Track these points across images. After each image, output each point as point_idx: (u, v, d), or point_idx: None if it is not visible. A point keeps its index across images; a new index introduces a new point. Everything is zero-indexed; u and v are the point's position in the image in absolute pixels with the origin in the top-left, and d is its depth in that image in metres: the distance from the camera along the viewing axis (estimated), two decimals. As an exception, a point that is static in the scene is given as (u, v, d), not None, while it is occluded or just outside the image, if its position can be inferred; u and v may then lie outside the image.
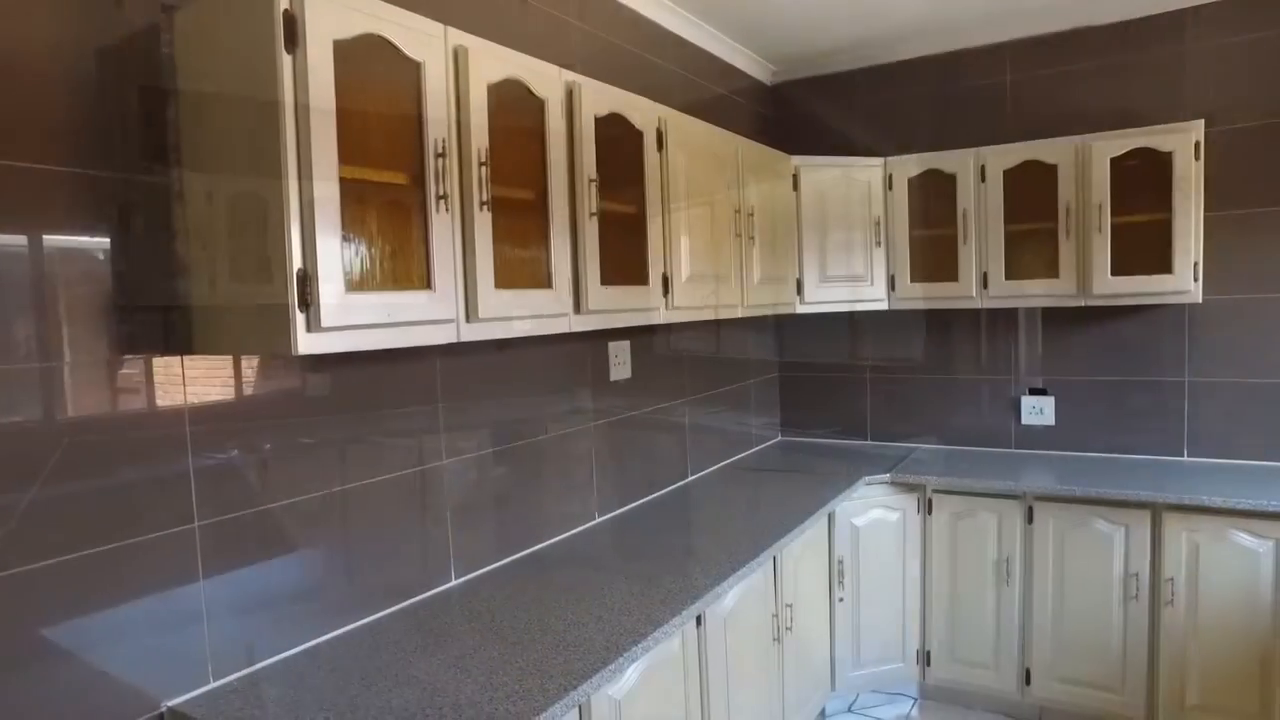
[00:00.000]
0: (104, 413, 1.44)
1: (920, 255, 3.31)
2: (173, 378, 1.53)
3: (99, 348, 1.43)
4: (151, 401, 1.50)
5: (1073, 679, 2.92)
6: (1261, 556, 2.61)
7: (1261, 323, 3.06)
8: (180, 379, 1.54)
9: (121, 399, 1.46)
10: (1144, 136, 2.89)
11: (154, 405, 1.51)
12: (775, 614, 2.52)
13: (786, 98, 3.88)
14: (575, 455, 2.57)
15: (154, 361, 1.50)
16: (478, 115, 1.71)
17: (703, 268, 2.55)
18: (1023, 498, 2.94)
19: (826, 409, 3.88)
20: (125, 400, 1.47)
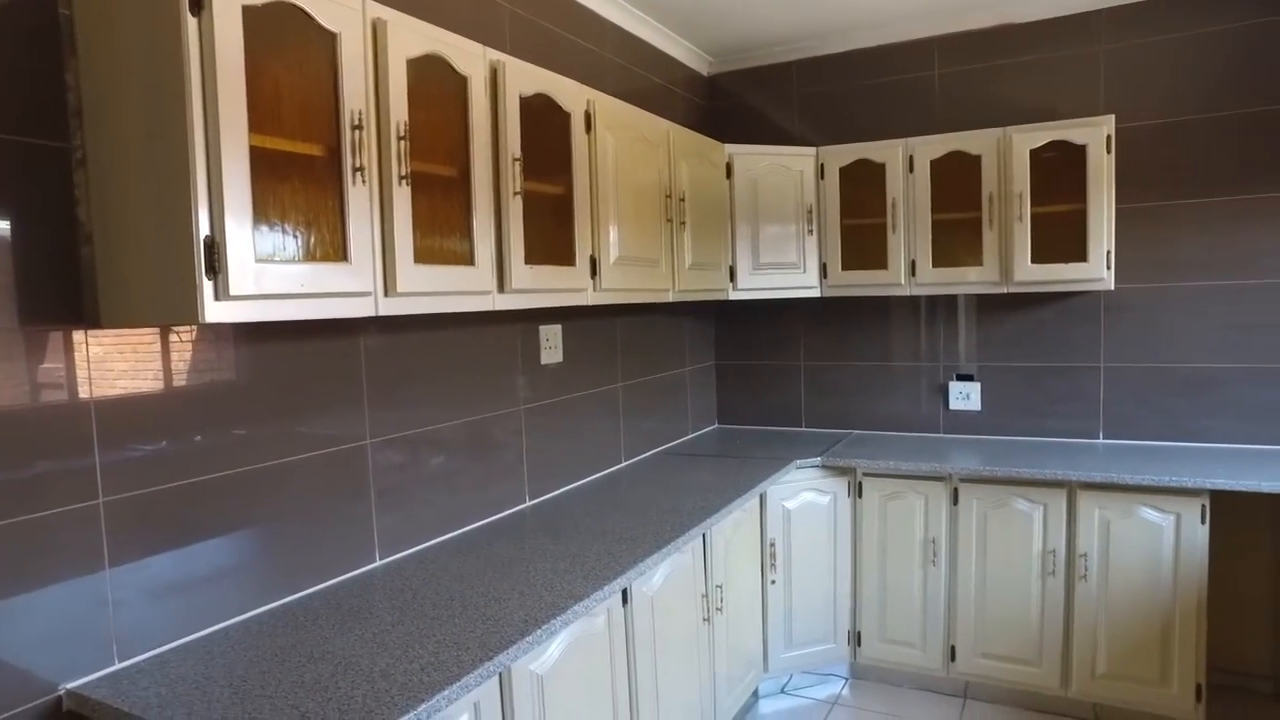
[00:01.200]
0: (3, 386, 1.39)
1: (851, 243, 3.38)
2: (78, 350, 1.49)
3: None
4: (56, 375, 1.46)
5: (995, 654, 3.02)
6: (1165, 530, 2.73)
7: (1167, 310, 3.20)
8: (85, 351, 1.50)
9: (23, 372, 1.42)
10: (1060, 130, 3.00)
11: (58, 379, 1.46)
12: (705, 594, 2.55)
13: (723, 88, 3.93)
14: (505, 438, 2.57)
15: (58, 334, 1.46)
16: (397, 89, 1.70)
17: (632, 251, 2.57)
18: (948, 479, 3.03)
19: (762, 396, 3.94)
20: (27, 373, 1.42)
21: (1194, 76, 3.11)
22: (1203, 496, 2.69)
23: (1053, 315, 3.37)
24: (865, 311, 3.70)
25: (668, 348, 3.59)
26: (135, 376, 1.60)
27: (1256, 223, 3.06)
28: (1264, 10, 3.01)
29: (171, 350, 1.66)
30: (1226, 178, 3.09)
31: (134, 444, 1.58)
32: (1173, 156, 3.15)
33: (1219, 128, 3.09)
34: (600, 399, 3.07)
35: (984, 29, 3.42)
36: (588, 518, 2.48)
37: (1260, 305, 3.08)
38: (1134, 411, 3.28)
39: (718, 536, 2.62)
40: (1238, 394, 3.13)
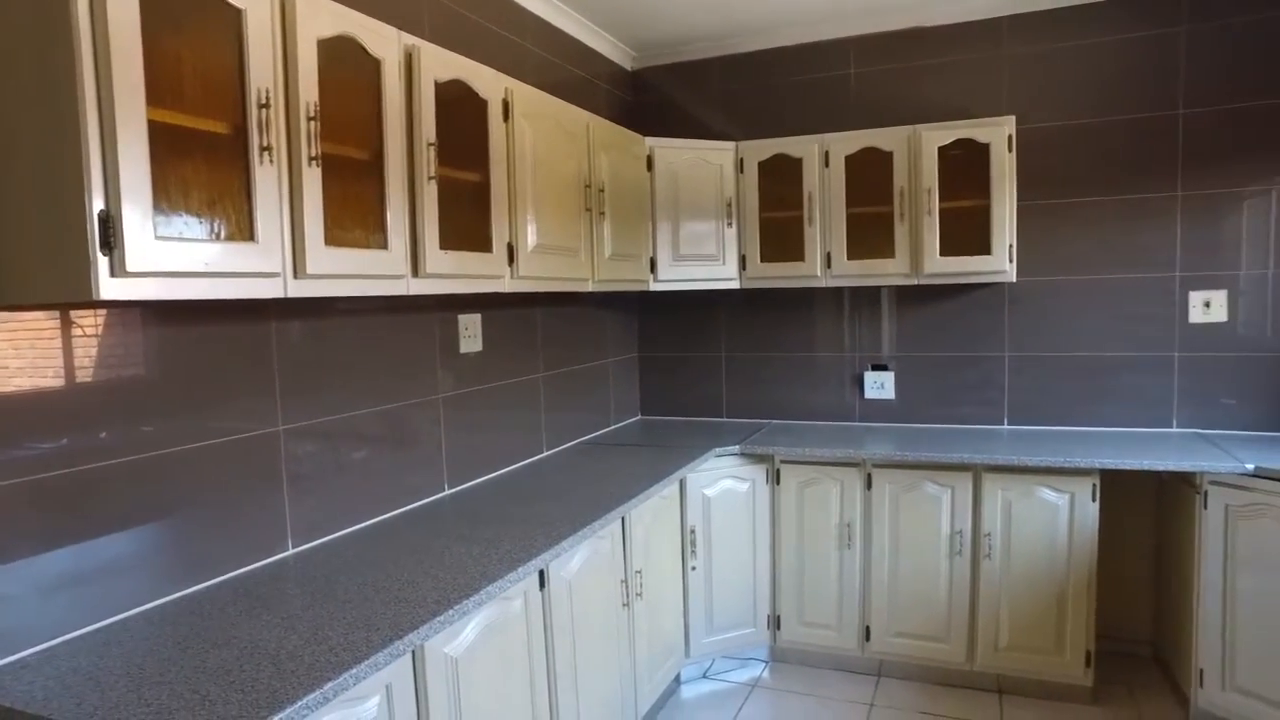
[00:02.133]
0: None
1: (770, 236, 3.45)
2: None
3: None
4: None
5: (907, 633, 3.13)
6: (1060, 509, 2.88)
7: (1064, 302, 3.38)
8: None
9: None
10: (966, 128, 3.13)
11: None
12: (625, 580, 2.58)
13: (647, 83, 3.97)
14: (423, 426, 2.55)
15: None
16: (306, 69, 1.68)
17: (551, 239, 2.58)
18: (862, 465, 3.13)
19: (685, 387, 4.00)
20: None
21: (1090, 83, 3.29)
22: (1093, 476, 2.85)
23: (961, 307, 3.52)
24: (784, 303, 3.79)
25: (590, 339, 3.61)
26: (32, 360, 1.55)
27: (1142, 222, 3.26)
28: (1151, 24, 3.20)
29: (72, 333, 1.61)
30: (1117, 179, 3.27)
31: (26, 428, 1.52)
32: (1069, 158, 3.32)
33: (1111, 132, 3.27)
34: (521, 389, 3.08)
35: (898, 31, 3.54)
36: (506, 505, 2.49)
37: (1145, 298, 3.27)
38: (1035, 398, 3.45)
39: (637, 523, 2.66)
40: (1126, 381, 3.32)
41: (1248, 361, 3.18)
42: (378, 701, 1.53)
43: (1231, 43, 3.12)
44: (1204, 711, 2.80)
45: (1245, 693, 2.66)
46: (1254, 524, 2.61)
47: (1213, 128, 3.15)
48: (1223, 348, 3.21)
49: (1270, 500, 2.56)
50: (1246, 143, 3.12)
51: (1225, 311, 3.19)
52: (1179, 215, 3.22)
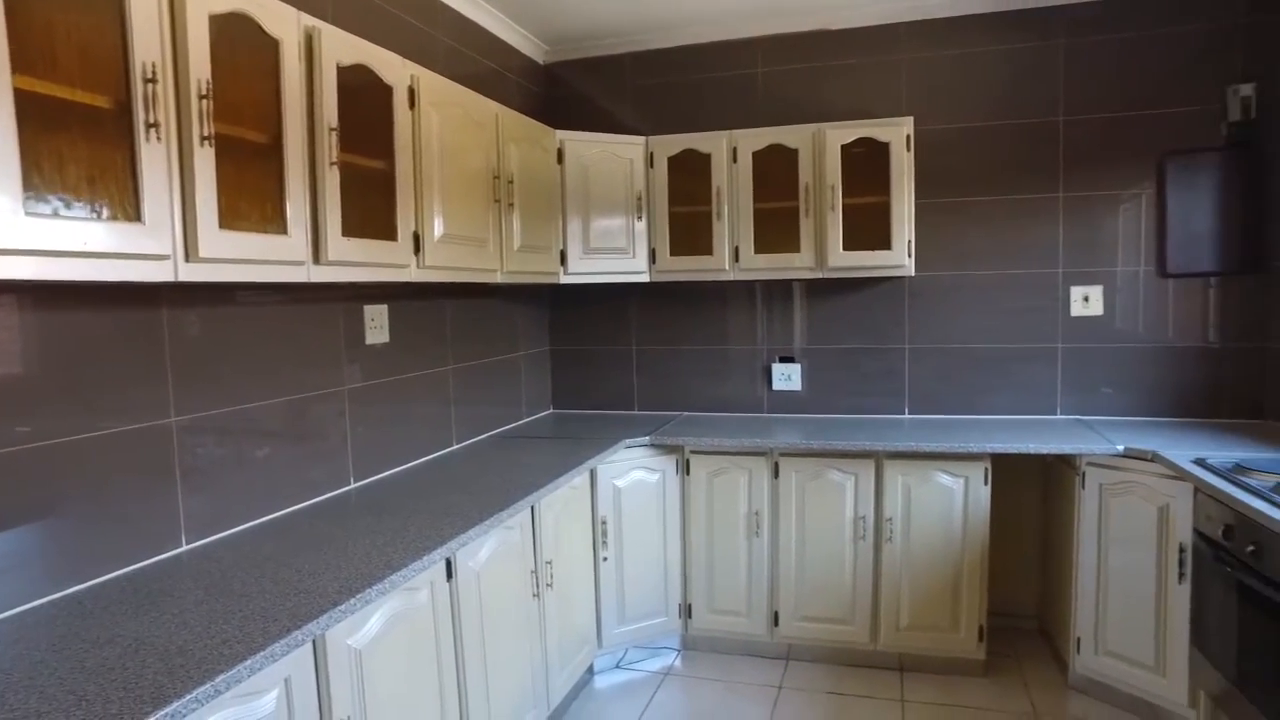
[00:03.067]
0: None
1: (679, 230, 3.51)
2: None
3: None
4: None
5: (813, 617, 3.23)
6: (956, 492, 3.03)
7: (959, 296, 3.54)
8: None
9: None
10: (867, 127, 3.25)
11: None
12: (535, 570, 2.58)
13: (559, 77, 3.97)
14: (328, 419, 2.49)
15: None
16: (197, 45, 1.62)
17: (458, 229, 2.56)
18: (769, 454, 3.21)
19: (597, 381, 4.02)
20: None
21: (981, 88, 3.46)
22: (985, 460, 3.00)
23: (865, 300, 3.65)
24: (694, 297, 3.85)
25: (501, 332, 3.59)
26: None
27: (1029, 220, 3.44)
28: (1033, 37, 3.39)
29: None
30: (1006, 180, 3.45)
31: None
32: (963, 158, 3.49)
33: (1000, 135, 3.45)
34: (430, 381, 3.03)
35: (804, 33, 3.64)
36: (414, 497, 2.45)
37: (1032, 293, 3.47)
38: (934, 388, 3.61)
39: (547, 513, 2.66)
40: (1015, 371, 3.51)
41: (1122, 352, 3.40)
42: (276, 695, 1.49)
43: (1103, 57, 3.33)
44: (1080, 675, 2.99)
45: (1114, 655, 2.86)
46: (1123, 500, 2.80)
47: (1089, 135, 3.36)
48: (1100, 340, 3.42)
49: (1136, 478, 2.75)
50: (1119, 150, 3.33)
51: (1102, 306, 3.41)
52: (1061, 215, 3.42)
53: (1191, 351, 3.35)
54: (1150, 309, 3.37)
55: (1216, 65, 3.23)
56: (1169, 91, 3.28)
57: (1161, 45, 3.27)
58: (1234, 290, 3.29)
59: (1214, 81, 3.23)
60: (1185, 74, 3.26)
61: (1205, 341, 3.34)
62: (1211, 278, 3.31)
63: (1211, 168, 3.25)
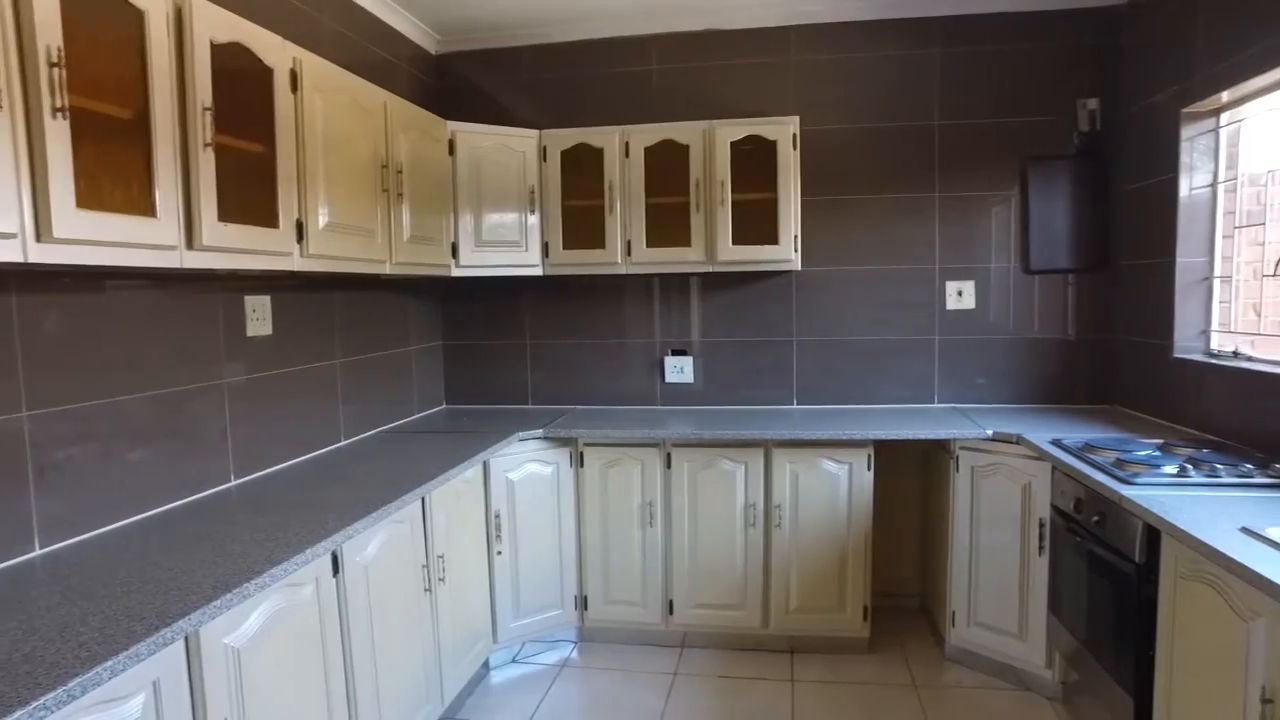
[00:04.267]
0: None
1: (572, 223, 3.51)
2: None
3: None
4: None
5: (707, 604, 3.30)
6: (841, 478, 3.15)
7: (843, 290, 3.69)
8: None
9: None
10: (755, 126, 3.35)
11: None
12: (426, 565, 2.54)
13: (452, 68, 3.91)
14: (205, 413, 2.38)
15: None
16: (46, 10, 1.51)
17: (344, 218, 2.49)
18: (662, 445, 3.26)
19: (490, 375, 3.98)
20: None
21: (864, 91, 3.61)
22: (868, 447, 3.14)
23: (755, 294, 3.75)
24: (589, 290, 3.87)
25: (391, 326, 3.51)
26: None
27: (909, 218, 3.62)
28: (912, 45, 3.56)
29: None
30: (887, 179, 3.62)
31: None
32: (848, 157, 3.63)
33: (882, 136, 3.61)
34: (317, 375, 2.94)
35: (697, 32, 3.71)
36: (298, 493, 2.38)
37: (911, 287, 3.65)
38: (821, 379, 3.74)
39: (438, 507, 2.62)
40: (896, 362, 3.69)
41: (993, 344, 3.62)
42: (143, 700, 1.42)
43: (974, 67, 3.53)
44: (955, 647, 3.17)
45: (984, 626, 3.05)
46: (991, 481, 2.99)
47: (962, 139, 3.56)
48: (973, 332, 3.63)
49: (1003, 460, 2.95)
50: (989, 154, 3.55)
51: (974, 300, 3.62)
52: (937, 214, 3.61)
53: (1053, 343, 3.60)
54: (1017, 303, 3.60)
55: (1070, 80, 3.48)
56: (1031, 102, 3.51)
57: (1024, 59, 3.50)
58: (1087, 286, 3.56)
59: (1067, 95, 3.48)
60: (1044, 86, 3.50)
61: (1064, 334, 3.60)
62: (1069, 275, 3.56)
63: (1066, 174, 3.50)
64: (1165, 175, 3.09)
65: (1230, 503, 2.05)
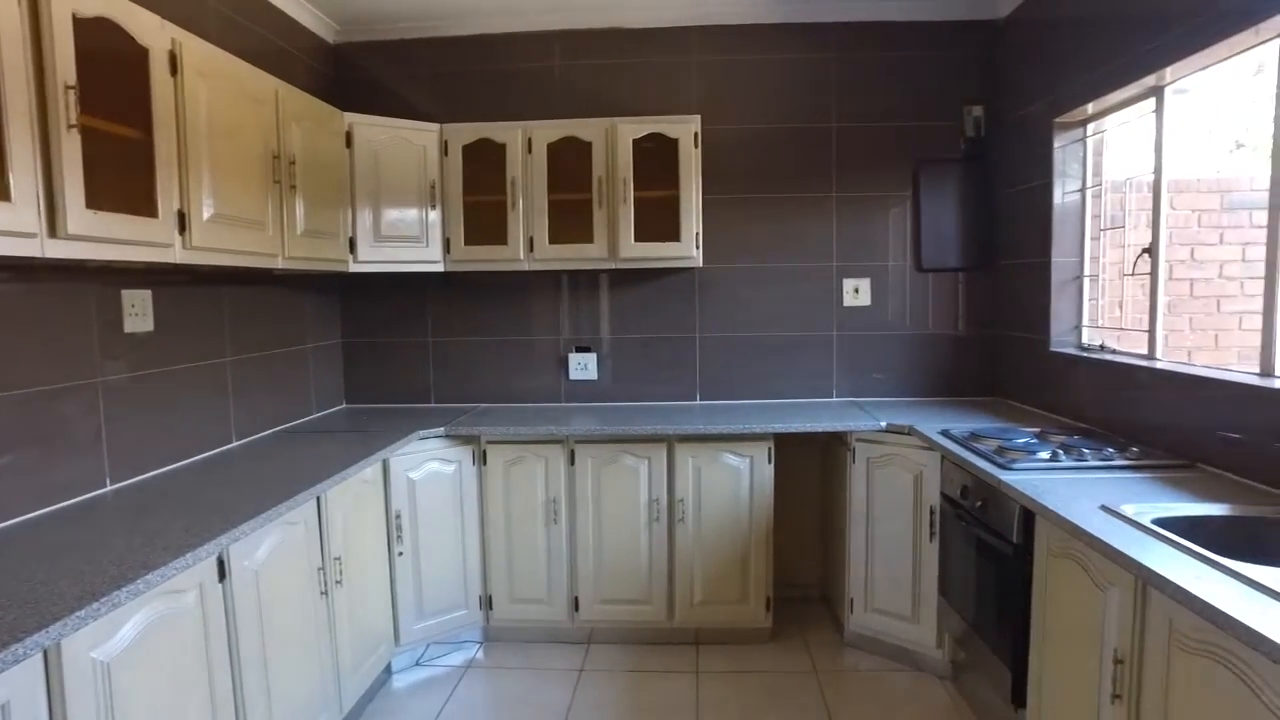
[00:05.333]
0: None
1: (474, 219, 3.47)
2: None
3: None
4: None
5: (613, 599, 3.31)
6: (742, 472, 3.22)
7: (745, 287, 3.77)
8: None
9: None
10: (658, 123, 3.38)
11: None
12: (322, 567, 2.47)
13: (350, 59, 3.81)
14: (75, 414, 2.24)
15: None
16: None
17: (232, 209, 2.40)
18: (565, 441, 3.25)
19: (392, 374, 3.90)
20: None
21: (765, 92, 3.69)
22: (769, 440, 3.21)
23: (658, 291, 3.79)
24: (492, 287, 3.83)
25: (287, 322, 3.39)
26: None
27: (808, 216, 3.73)
28: (810, 49, 3.67)
29: None
30: (787, 178, 3.72)
31: None
32: (748, 157, 3.71)
33: (782, 136, 3.70)
34: (205, 373, 2.82)
35: (600, 29, 3.72)
36: (182, 496, 2.27)
37: (810, 284, 3.75)
38: (724, 375, 3.81)
39: (335, 508, 2.55)
40: (796, 357, 3.78)
41: (888, 339, 3.76)
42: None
43: (869, 72, 3.66)
44: (853, 633, 3.28)
45: (880, 611, 3.17)
46: (885, 471, 3.10)
47: (859, 141, 3.69)
48: (870, 328, 3.76)
49: (897, 450, 3.06)
50: (883, 156, 3.69)
51: (870, 297, 3.75)
52: (835, 213, 3.72)
53: (945, 339, 3.77)
54: (911, 300, 3.75)
55: (958, 87, 3.65)
56: (922, 107, 3.67)
57: (915, 66, 3.65)
58: (975, 284, 3.74)
59: (956, 101, 3.65)
60: (935, 93, 3.66)
61: (955, 330, 3.77)
62: (959, 273, 3.73)
63: (954, 176, 3.67)
64: (1041, 180, 3.27)
65: (1094, 484, 2.19)
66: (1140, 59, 2.63)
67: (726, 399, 3.81)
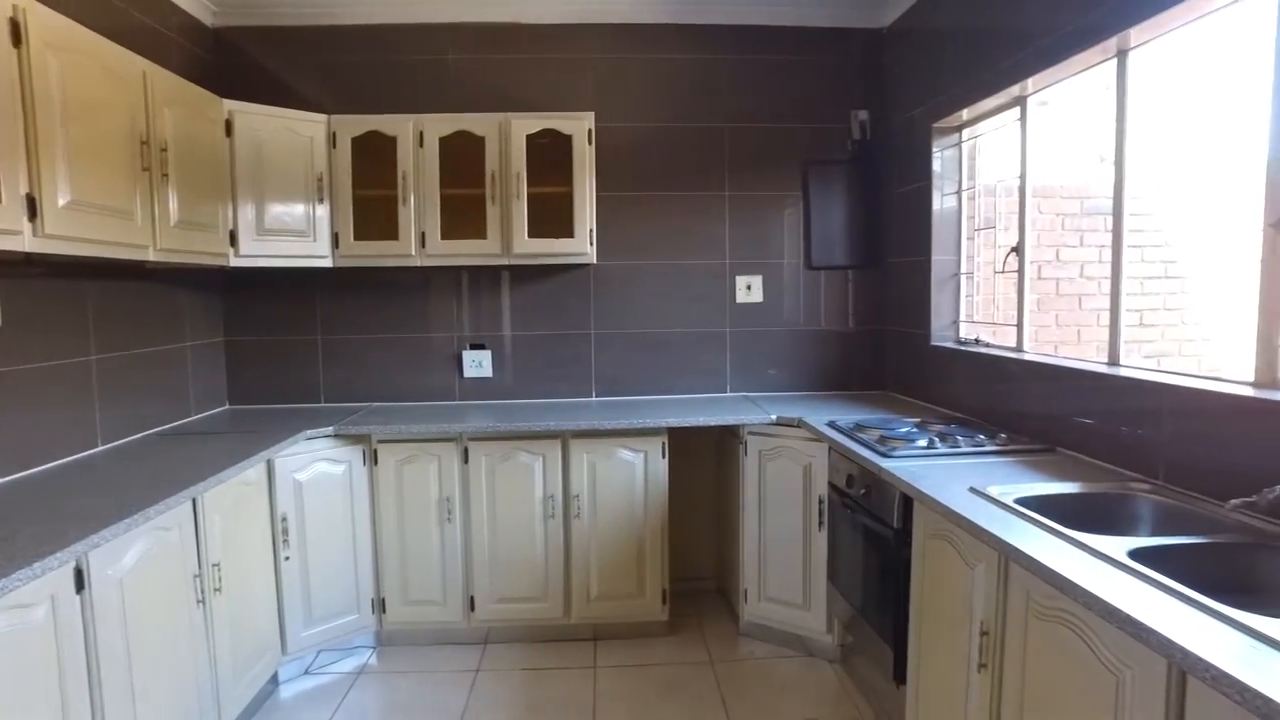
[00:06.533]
0: None
1: (364, 214, 3.38)
2: None
3: None
4: None
5: (509, 597, 3.28)
6: (636, 466, 3.25)
7: (641, 284, 3.80)
8: None
9: None
10: (551, 119, 3.37)
11: None
12: (199, 575, 2.35)
13: (231, 43, 3.64)
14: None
15: None
16: None
17: (92, 196, 2.25)
18: (459, 439, 3.20)
19: (280, 374, 3.75)
20: None
21: (659, 92, 3.74)
22: (662, 435, 3.25)
23: (554, 288, 3.78)
24: (384, 284, 3.73)
25: (162, 320, 3.21)
26: None
27: (702, 215, 3.79)
28: (701, 50, 3.73)
29: None
30: (681, 177, 3.77)
31: None
32: (643, 155, 3.74)
33: (676, 135, 3.75)
34: (65, 373, 2.64)
35: (497, 24, 3.68)
36: (34, 504, 2.12)
37: (704, 281, 3.82)
38: (619, 372, 3.83)
39: (213, 512, 2.44)
40: (691, 353, 3.84)
41: (780, 335, 3.87)
42: None
43: (760, 74, 3.75)
44: (748, 622, 3.35)
45: (773, 600, 3.25)
46: (776, 463, 3.18)
47: (750, 142, 3.77)
48: (762, 324, 3.86)
49: (787, 443, 3.15)
50: (774, 156, 3.78)
51: (762, 294, 3.84)
52: (727, 212, 3.80)
53: (835, 334, 3.90)
54: (802, 297, 3.87)
55: (845, 91, 3.79)
56: (811, 109, 3.78)
57: (804, 70, 3.76)
58: (863, 282, 3.88)
59: (844, 104, 3.78)
60: (824, 96, 3.78)
61: (845, 326, 3.90)
62: (848, 271, 3.87)
63: (841, 177, 3.80)
64: (921, 182, 3.43)
65: (965, 469, 2.31)
66: (1006, 70, 2.79)
67: (622, 395, 3.84)
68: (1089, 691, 1.43)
